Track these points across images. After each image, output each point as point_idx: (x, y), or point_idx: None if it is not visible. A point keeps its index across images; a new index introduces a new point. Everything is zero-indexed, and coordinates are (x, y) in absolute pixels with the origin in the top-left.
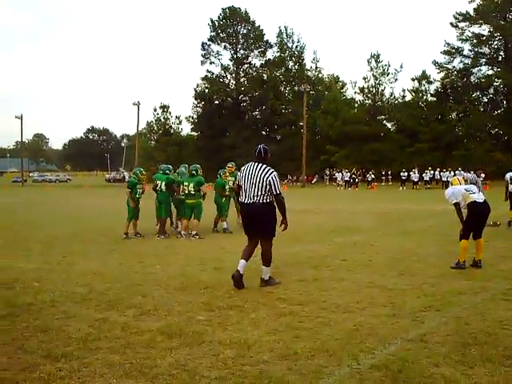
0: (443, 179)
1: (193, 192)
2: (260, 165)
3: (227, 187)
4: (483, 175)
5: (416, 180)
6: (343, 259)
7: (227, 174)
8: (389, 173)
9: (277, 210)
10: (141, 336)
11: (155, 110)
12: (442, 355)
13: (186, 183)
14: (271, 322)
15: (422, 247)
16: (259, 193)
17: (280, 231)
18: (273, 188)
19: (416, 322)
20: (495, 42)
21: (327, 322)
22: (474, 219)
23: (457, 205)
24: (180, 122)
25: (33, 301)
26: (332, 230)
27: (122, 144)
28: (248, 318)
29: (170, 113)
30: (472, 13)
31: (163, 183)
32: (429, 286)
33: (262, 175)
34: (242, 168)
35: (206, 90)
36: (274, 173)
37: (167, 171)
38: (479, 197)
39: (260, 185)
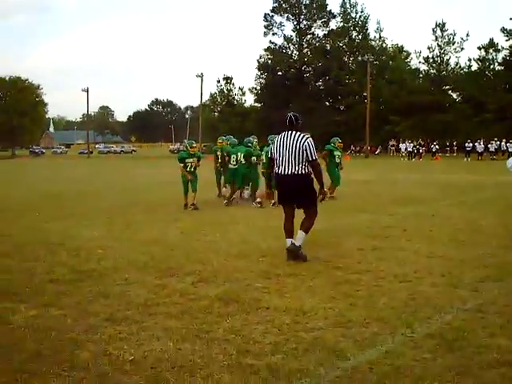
0: (510, 150)
1: (243, 161)
2: (293, 132)
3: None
4: None
5: (481, 151)
6: (404, 229)
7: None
8: (454, 143)
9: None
10: (199, 302)
11: (218, 81)
12: (499, 326)
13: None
14: (328, 289)
15: (484, 218)
16: (297, 161)
17: (318, 201)
18: (309, 154)
19: (474, 293)
20: None
21: (384, 291)
22: None
23: None
24: (243, 94)
25: (96, 267)
26: (393, 200)
27: (186, 116)
28: (305, 286)
29: (233, 84)
30: None
31: (242, 155)
32: (489, 256)
33: (298, 142)
34: (275, 139)
35: (269, 61)
36: (310, 138)
37: (249, 144)
38: None
39: (296, 153)
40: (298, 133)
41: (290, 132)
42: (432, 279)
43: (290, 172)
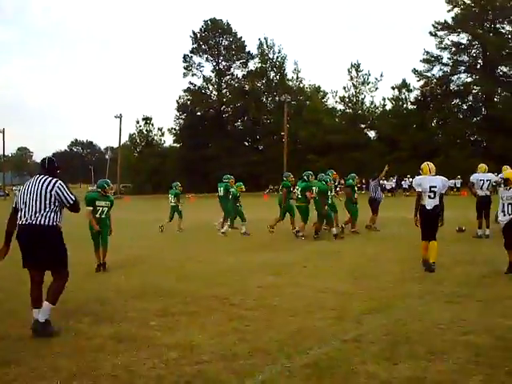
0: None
1: (300, 196)
2: (42, 177)
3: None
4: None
5: (392, 187)
6: (304, 266)
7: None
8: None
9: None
10: (92, 341)
11: (138, 122)
12: (372, 354)
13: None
14: (219, 326)
15: (384, 253)
16: (42, 210)
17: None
18: (63, 199)
19: (357, 324)
20: (473, 50)
21: (273, 325)
22: (422, 221)
23: (418, 193)
24: (162, 134)
25: None
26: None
27: (107, 156)
28: (198, 323)
29: (152, 124)
30: (450, 21)
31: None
32: (379, 290)
33: (45, 188)
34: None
35: (189, 102)
36: (60, 182)
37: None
38: (430, 203)
39: (42, 200)
40: (48, 177)
41: (38, 177)
42: (321, 312)
43: (32, 222)
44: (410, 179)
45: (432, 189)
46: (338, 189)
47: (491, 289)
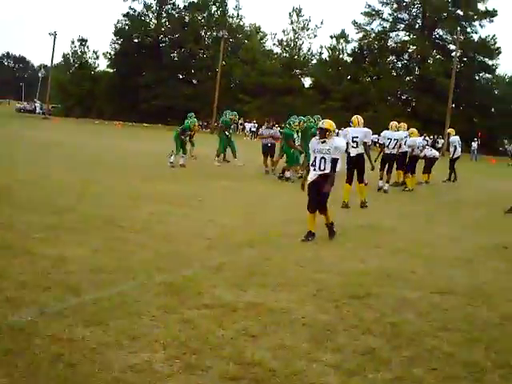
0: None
1: None
2: None
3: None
4: None
5: None
6: (200, 199)
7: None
8: None
9: None
10: None
11: (73, 42)
12: (225, 280)
13: None
14: (97, 243)
15: (280, 195)
16: None
17: None
18: None
19: (224, 254)
20: (414, 10)
21: (147, 247)
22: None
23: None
24: (97, 57)
25: None
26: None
27: (40, 74)
28: (79, 239)
29: (87, 47)
30: None
31: None
32: (261, 226)
33: None
34: None
35: (127, 28)
36: None
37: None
38: (353, 151)
39: None
40: None
41: None
42: (197, 241)
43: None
44: (337, 131)
45: (354, 139)
46: None
47: (358, 237)
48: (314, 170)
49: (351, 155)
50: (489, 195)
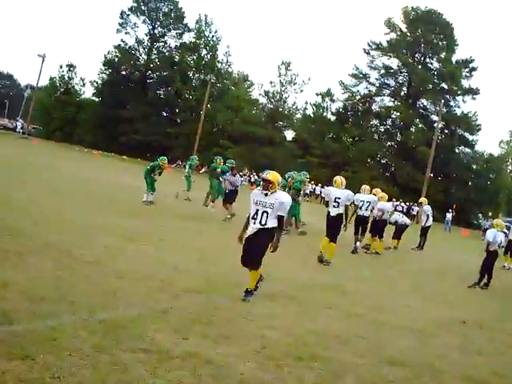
0: (323, 195)
1: None
2: None
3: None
4: None
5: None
6: (162, 239)
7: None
8: None
9: None
10: None
11: (61, 66)
12: (168, 324)
13: None
14: (44, 271)
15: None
16: None
17: None
18: None
19: (173, 298)
20: (400, 77)
21: (94, 281)
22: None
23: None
24: (84, 85)
25: None
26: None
27: (25, 94)
28: (27, 264)
29: (75, 73)
30: (385, 44)
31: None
32: (215, 274)
33: None
34: None
35: (116, 59)
36: None
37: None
38: (334, 211)
39: None
40: None
41: None
42: (147, 282)
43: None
44: (314, 186)
45: (337, 199)
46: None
47: (315, 296)
48: (254, 223)
49: (331, 214)
50: (456, 267)
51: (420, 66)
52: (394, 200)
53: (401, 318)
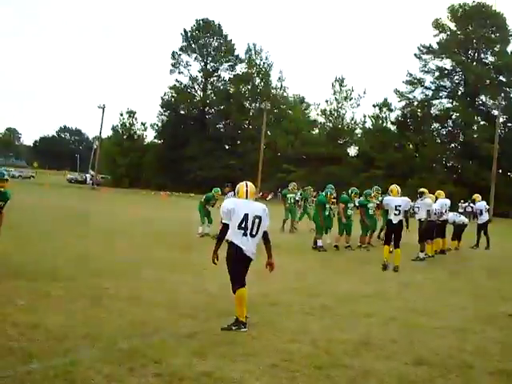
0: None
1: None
2: None
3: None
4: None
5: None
6: (204, 268)
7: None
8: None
9: None
10: None
11: (121, 114)
12: (188, 348)
13: None
14: (78, 309)
15: (291, 265)
16: None
17: None
18: None
19: (202, 324)
20: (456, 77)
21: (125, 315)
22: (388, 232)
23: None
24: (145, 129)
25: None
26: None
27: (94, 146)
28: (53, 305)
29: (136, 118)
30: (435, 46)
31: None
32: (253, 295)
33: None
34: None
35: (173, 100)
36: None
37: None
38: (396, 218)
39: None
40: None
41: None
42: (179, 309)
43: None
44: (380, 198)
45: (398, 207)
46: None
47: (355, 306)
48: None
49: (393, 222)
50: None
51: (474, 63)
52: (462, 201)
53: (442, 318)
